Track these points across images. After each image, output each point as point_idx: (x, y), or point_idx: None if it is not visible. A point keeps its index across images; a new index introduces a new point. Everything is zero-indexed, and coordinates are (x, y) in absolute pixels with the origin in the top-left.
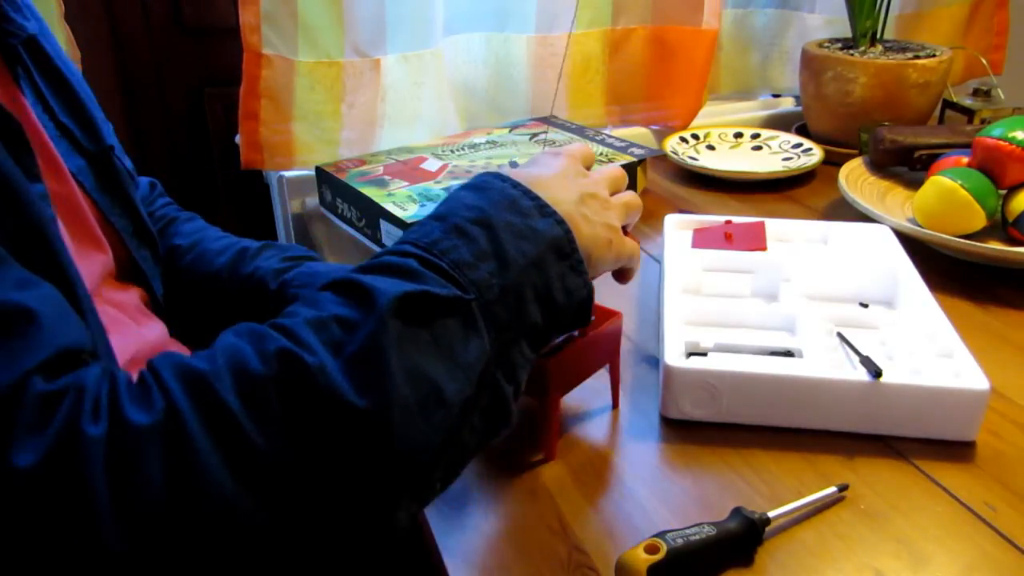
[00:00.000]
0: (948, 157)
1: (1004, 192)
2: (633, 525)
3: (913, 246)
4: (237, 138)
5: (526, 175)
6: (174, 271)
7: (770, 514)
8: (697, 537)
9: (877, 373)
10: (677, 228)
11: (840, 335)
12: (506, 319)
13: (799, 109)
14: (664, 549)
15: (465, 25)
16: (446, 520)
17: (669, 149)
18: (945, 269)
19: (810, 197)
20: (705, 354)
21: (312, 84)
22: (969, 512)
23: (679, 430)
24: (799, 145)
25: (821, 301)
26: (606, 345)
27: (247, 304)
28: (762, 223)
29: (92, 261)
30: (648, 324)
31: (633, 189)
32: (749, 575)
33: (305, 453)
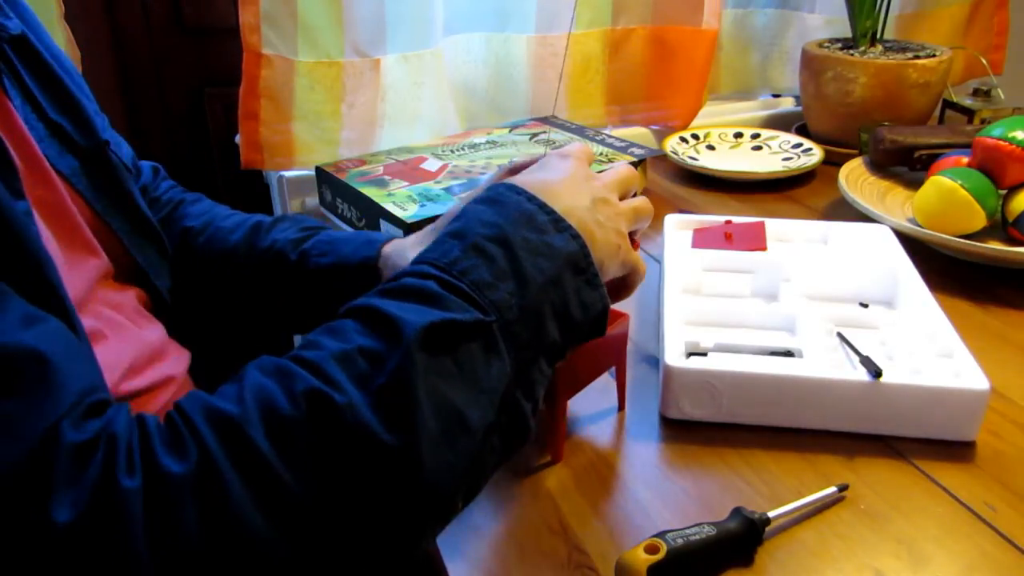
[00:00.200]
0: (948, 157)
1: (1004, 192)
2: (633, 525)
3: (913, 246)
4: (237, 138)
5: (538, 183)
6: (188, 253)
7: (770, 514)
8: (697, 537)
9: (877, 373)
10: (677, 228)
11: (840, 335)
12: (526, 339)
13: (799, 109)
14: (664, 549)
15: (465, 25)
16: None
17: (669, 149)
18: (945, 269)
19: (810, 197)
20: (705, 354)
21: (312, 84)
22: (969, 512)
23: (679, 430)
24: (799, 145)
25: (821, 301)
26: (613, 347)
27: (267, 278)
28: (762, 223)
29: (85, 267)
30: (648, 324)
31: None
32: (749, 575)
33: (336, 492)
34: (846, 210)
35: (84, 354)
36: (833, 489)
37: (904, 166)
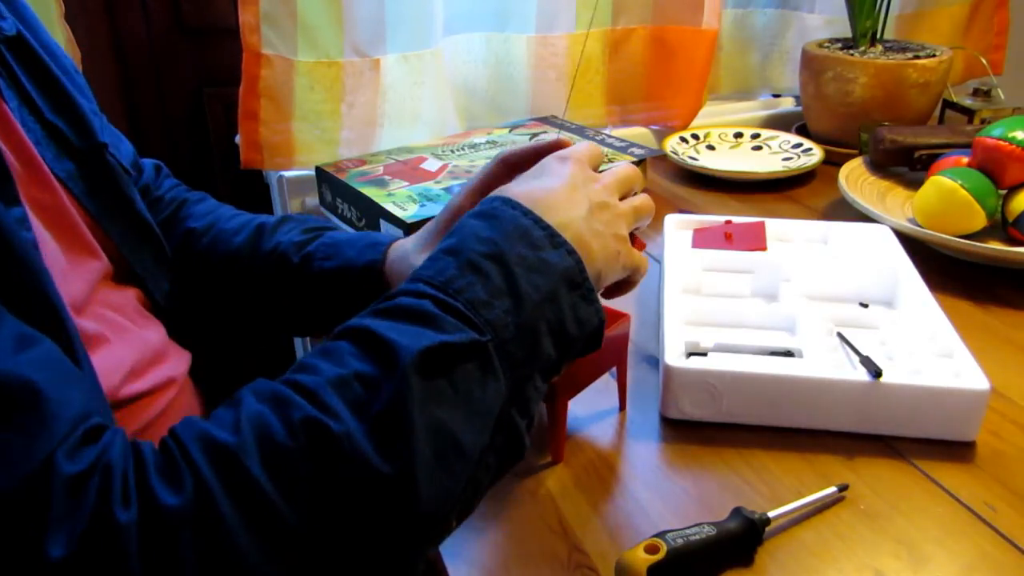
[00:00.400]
0: (948, 157)
1: (1004, 192)
2: (633, 525)
3: (913, 246)
4: (237, 138)
5: (534, 193)
6: (191, 255)
7: (770, 514)
8: (697, 537)
9: (877, 373)
10: (677, 228)
11: (840, 335)
12: (522, 357)
13: (799, 109)
14: (664, 549)
15: (465, 25)
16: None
17: (669, 149)
18: (945, 269)
19: (810, 197)
20: (705, 354)
21: (312, 84)
22: (969, 512)
23: (679, 430)
24: (799, 145)
25: (821, 301)
26: (614, 347)
27: (271, 281)
28: (762, 223)
29: (87, 268)
30: (648, 324)
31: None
32: (749, 575)
33: (332, 521)
34: (846, 210)
35: (78, 376)
36: (833, 489)
37: (904, 166)
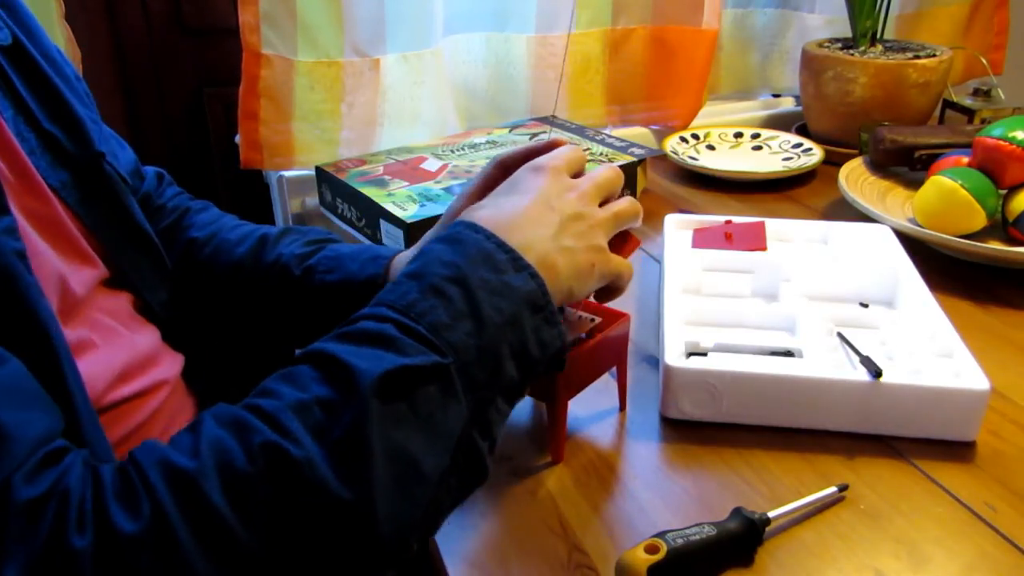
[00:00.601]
0: (948, 157)
1: (1004, 192)
2: (633, 525)
3: (913, 246)
4: (237, 138)
5: (500, 215)
6: (193, 265)
7: (770, 514)
8: (697, 537)
9: (877, 373)
10: (677, 228)
11: (840, 335)
12: (483, 379)
13: (799, 109)
14: (664, 549)
15: (465, 25)
16: (446, 520)
17: (669, 149)
18: (945, 269)
19: (810, 197)
20: (705, 354)
21: (312, 84)
22: (969, 512)
23: (679, 430)
24: (799, 145)
25: (821, 301)
26: (614, 347)
27: (272, 293)
28: (762, 223)
29: (82, 274)
30: (648, 324)
31: (633, 189)
32: (749, 575)
33: (290, 546)
34: (846, 210)
35: (42, 397)
36: (833, 489)
37: (904, 166)
